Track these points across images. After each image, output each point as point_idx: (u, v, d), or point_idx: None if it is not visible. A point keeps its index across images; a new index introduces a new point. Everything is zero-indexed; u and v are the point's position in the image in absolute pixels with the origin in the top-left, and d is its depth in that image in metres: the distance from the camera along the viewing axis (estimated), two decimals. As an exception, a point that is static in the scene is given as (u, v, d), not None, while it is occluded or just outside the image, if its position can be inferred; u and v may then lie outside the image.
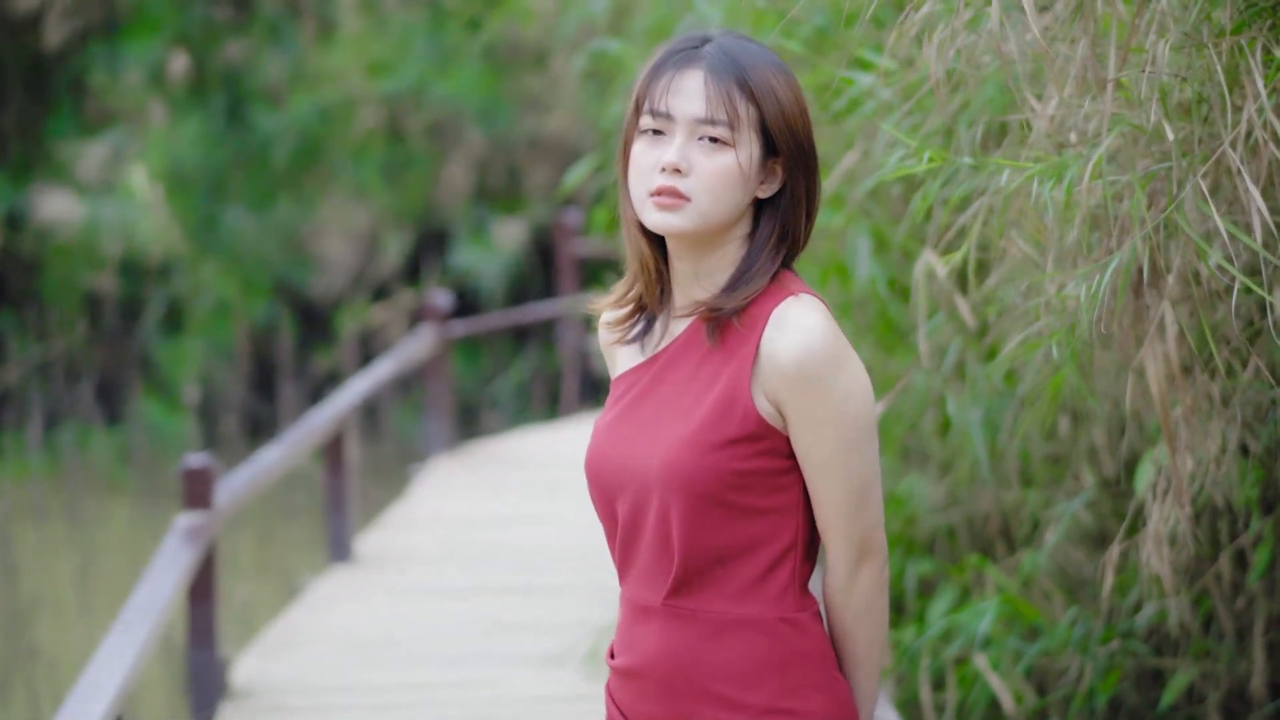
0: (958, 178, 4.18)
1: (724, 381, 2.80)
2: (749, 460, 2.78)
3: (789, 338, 2.77)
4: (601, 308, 2.96)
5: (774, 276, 2.84)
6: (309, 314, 18.05)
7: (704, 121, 2.81)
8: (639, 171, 2.83)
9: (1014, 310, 4.56)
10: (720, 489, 2.77)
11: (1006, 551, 5.87)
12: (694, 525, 2.78)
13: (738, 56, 2.82)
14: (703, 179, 2.80)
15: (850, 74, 4.92)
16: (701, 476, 2.77)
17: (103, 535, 13.37)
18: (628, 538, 2.85)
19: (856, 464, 2.78)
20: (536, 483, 10.13)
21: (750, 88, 2.80)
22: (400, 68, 17.43)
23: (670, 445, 2.80)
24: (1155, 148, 3.70)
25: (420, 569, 8.19)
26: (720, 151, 2.80)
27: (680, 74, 2.82)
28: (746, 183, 2.82)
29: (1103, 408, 4.99)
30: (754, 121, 2.80)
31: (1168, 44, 3.55)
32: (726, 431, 2.78)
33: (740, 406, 2.78)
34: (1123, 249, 3.53)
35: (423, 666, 6.72)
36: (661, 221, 2.81)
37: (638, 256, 2.88)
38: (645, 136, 2.84)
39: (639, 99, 2.85)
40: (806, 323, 2.77)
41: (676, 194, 2.80)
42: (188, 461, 6.40)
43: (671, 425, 2.81)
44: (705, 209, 2.81)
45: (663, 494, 2.80)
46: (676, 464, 2.78)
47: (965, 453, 5.69)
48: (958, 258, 4.00)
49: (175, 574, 5.79)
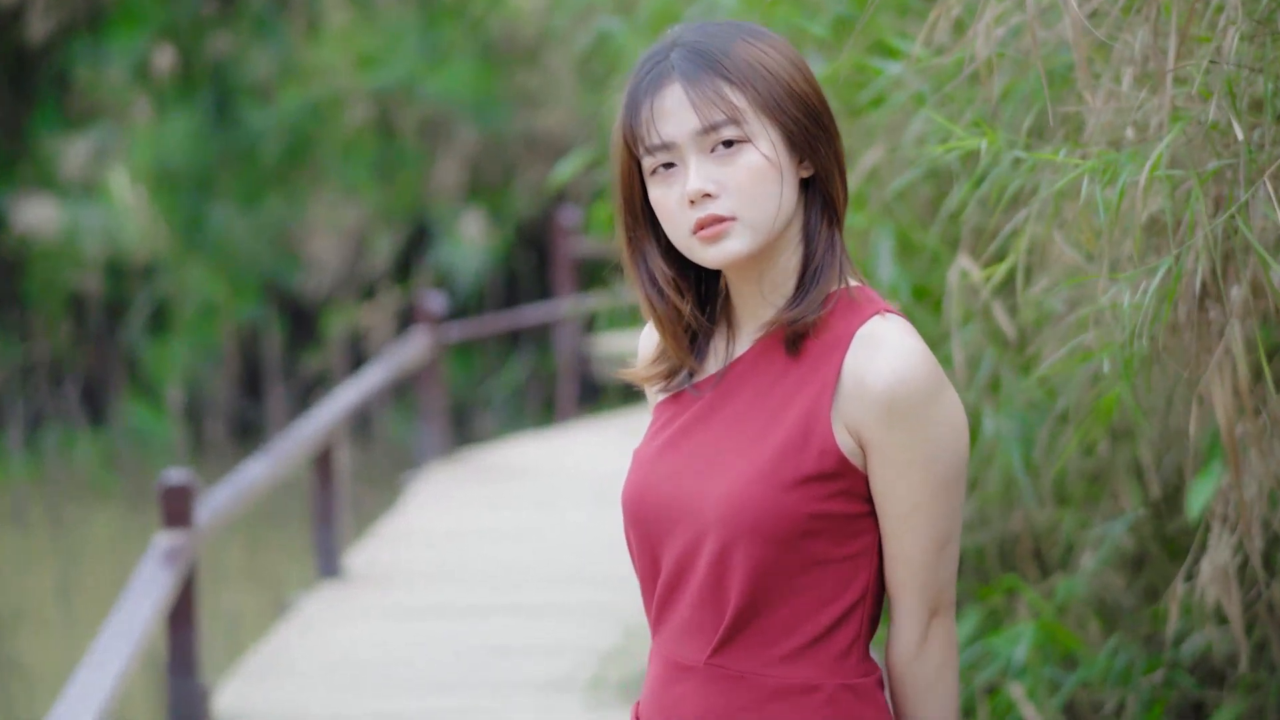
0: (999, 173, 3.86)
1: (799, 408, 2.44)
2: (824, 502, 2.42)
3: (883, 361, 2.42)
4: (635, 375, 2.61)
5: (841, 276, 2.50)
6: (298, 314, 17.77)
7: (705, 130, 2.46)
8: (669, 217, 2.49)
9: (1057, 320, 4.24)
10: (793, 534, 2.41)
11: (1039, 574, 5.56)
12: (757, 574, 2.42)
13: (706, 48, 2.48)
14: (738, 190, 2.46)
15: (877, 63, 4.59)
16: (773, 519, 2.40)
17: (86, 542, 13.16)
18: (671, 585, 2.48)
19: (943, 513, 2.42)
20: (533, 494, 9.79)
21: (732, 73, 2.46)
22: (391, 62, 17.13)
23: (735, 480, 2.43)
24: (1221, 146, 3.37)
25: (413, 586, 7.86)
26: (740, 152, 2.46)
27: (657, 97, 2.48)
28: (783, 171, 2.47)
29: (1149, 424, 4.67)
30: (755, 104, 2.46)
31: (1238, 33, 3.21)
32: (803, 467, 2.42)
33: (819, 438, 2.42)
34: (1179, 255, 3.18)
35: (416, 693, 6.40)
36: (719, 254, 2.46)
37: (660, 315, 2.54)
38: (657, 178, 2.50)
39: (627, 144, 2.51)
40: (904, 346, 2.42)
41: (719, 220, 2.45)
42: (167, 478, 6.06)
43: (736, 457, 2.45)
44: (755, 220, 2.46)
45: (724, 537, 2.43)
46: (744, 503, 2.42)
47: (995, 468, 5.38)
48: (1003, 268, 3.66)
49: (153, 599, 5.48)
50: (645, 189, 2.52)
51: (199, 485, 6.17)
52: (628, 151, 2.50)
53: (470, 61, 17.16)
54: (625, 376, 2.62)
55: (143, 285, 17.37)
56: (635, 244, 2.53)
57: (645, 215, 2.53)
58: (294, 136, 17.32)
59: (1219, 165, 3.20)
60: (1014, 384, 5.02)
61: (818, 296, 2.48)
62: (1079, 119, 3.79)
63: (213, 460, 15.76)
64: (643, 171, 2.51)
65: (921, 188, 5.10)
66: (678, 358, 2.55)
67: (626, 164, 2.51)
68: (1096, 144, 3.53)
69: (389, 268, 17.80)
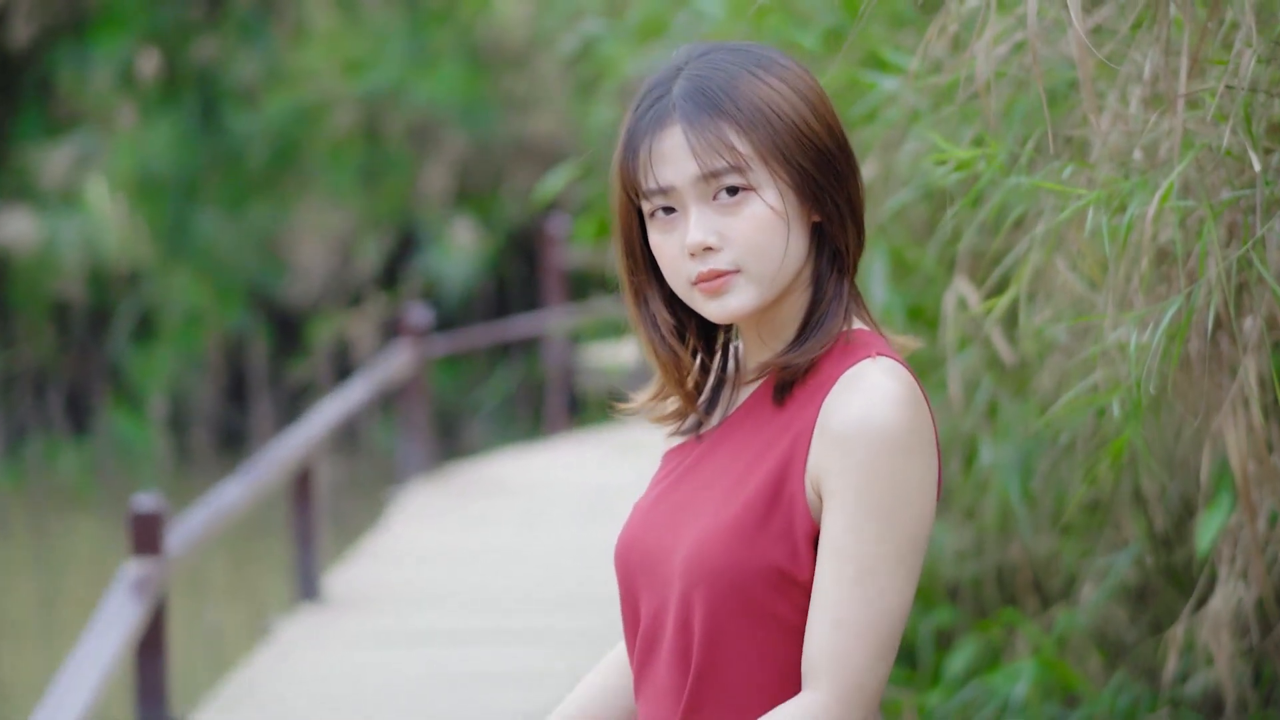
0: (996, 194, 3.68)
1: (775, 458, 2.27)
2: (790, 559, 2.24)
3: (850, 400, 2.24)
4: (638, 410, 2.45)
5: (847, 320, 2.32)
6: (284, 322, 17.57)
7: (706, 176, 2.28)
8: (669, 265, 2.32)
9: (1060, 352, 4.05)
10: (751, 590, 2.24)
11: (1038, 606, 5.38)
12: (716, 634, 2.26)
13: (711, 83, 2.29)
14: (741, 243, 2.28)
15: (871, 77, 4.41)
16: (730, 572, 2.24)
17: (68, 552, 12.99)
18: (647, 643, 2.33)
19: (883, 590, 2.21)
20: (518, 513, 9.57)
21: (737, 115, 2.27)
22: (378, 67, 16.93)
23: (701, 532, 2.27)
24: (1235, 174, 3.17)
25: (393, 610, 7.65)
26: (744, 202, 2.28)
27: (656, 138, 2.29)
28: (791, 221, 2.29)
29: (1154, 454, 4.49)
30: (761, 150, 2.27)
31: (1254, 54, 3.02)
32: (770, 519, 2.25)
33: (790, 490, 2.25)
34: (1191, 290, 2.99)
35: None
36: (720, 310, 2.30)
37: (663, 362, 2.38)
38: (656, 222, 2.32)
39: (625, 186, 2.33)
40: (880, 387, 2.24)
41: (720, 274, 2.28)
42: (136, 504, 5.85)
43: (709, 508, 2.29)
44: (760, 273, 2.29)
45: (684, 590, 2.27)
46: (705, 555, 2.26)
47: (993, 496, 5.20)
48: (1005, 300, 3.47)
49: (119, 632, 5.28)
50: (645, 230, 2.36)
51: (170, 511, 5.97)
52: (625, 192, 2.34)
53: (458, 66, 16.97)
54: (630, 414, 2.47)
55: (126, 294, 17.17)
56: (636, 287, 2.38)
57: (645, 258, 2.38)
58: (280, 142, 17.13)
59: (1233, 197, 3.00)
60: (1012, 411, 4.84)
61: (815, 345, 2.31)
62: (1083, 140, 3.60)
63: (197, 470, 15.61)
64: (642, 213, 2.35)
65: (917, 206, 4.92)
66: (684, 405, 2.41)
67: (625, 205, 2.36)
68: (1102, 168, 3.34)
69: (376, 275, 17.61)
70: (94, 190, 16.63)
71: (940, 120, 4.11)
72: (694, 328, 2.39)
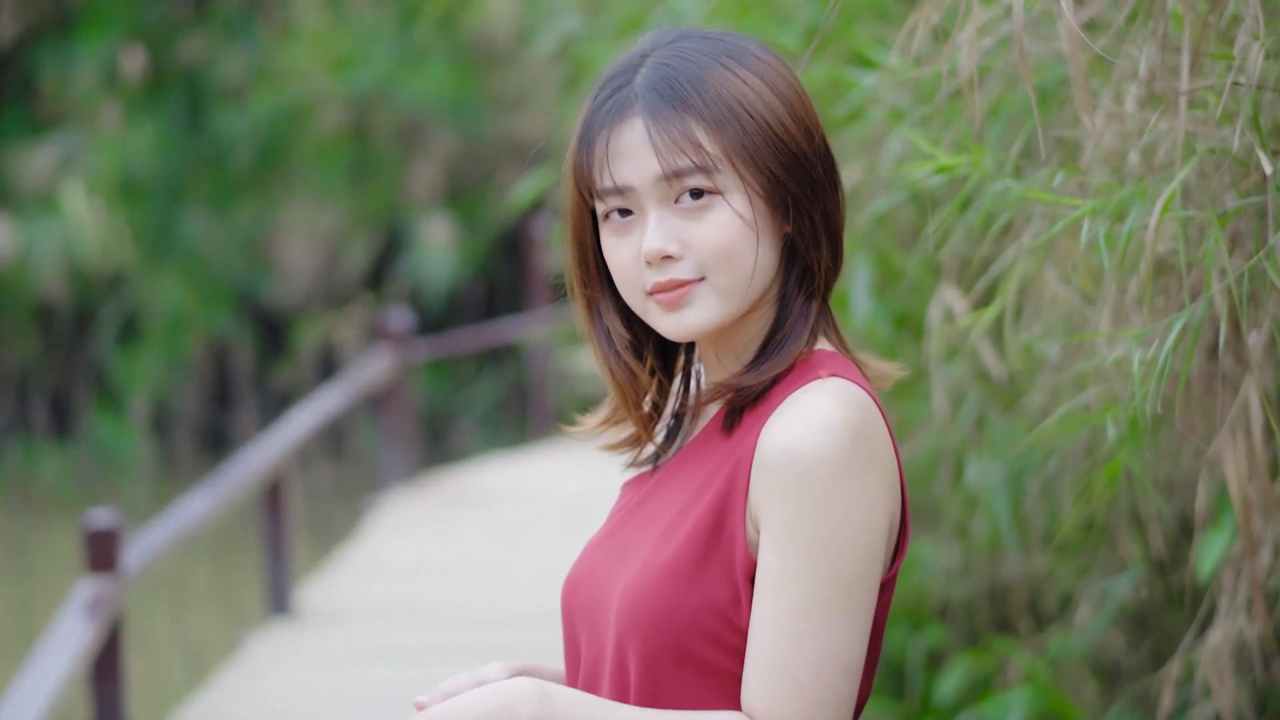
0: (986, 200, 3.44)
1: (718, 488, 2.05)
2: (735, 602, 2.03)
3: (783, 425, 2.01)
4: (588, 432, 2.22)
5: (811, 341, 2.09)
6: (270, 324, 17.34)
7: (668, 176, 2.04)
8: (622, 272, 2.08)
9: (1051, 367, 3.82)
10: (689, 641, 2.02)
11: (1032, 627, 5.16)
12: (652, 685, 2.05)
13: (678, 74, 2.05)
14: (705, 252, 2.04)
15: (853, 75, 4.18)
16: (663, 618, 2.03)
17: (47, 559, 12.82)
18: (587, 689, 2.14)
19: (818, 630, 1.99)
20: (500, 523, 9.31)
21: (705, 110, 2.04)
22: (365, 66, 16.69)
23: (636, 574, 2.06)
24: (1241, 178, 2.94)
25: (368, 626, 7.40)
26: (709, 206, 2.04)
27: (615, 130, 2.05)
28: (760, 231, 2.06)
29: (1150, 474, 4.26)
30: (729, 150, 2.04)
31: (1262, 48, 2.79)
32: (712, 558, 2.03)
33: (731, 523, 2.03)
34: (1195, 305, 2.75)
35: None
36: (677, 325, 2.06)
37: (619, 382, 2.15)
38: (610, 225, 2.08)
39: (578, 184, 2.09)
40: (817, 409, 2.00)
41: (680, 284, 2.05)
42: (91, 520, 5.64)
43: (648, 547, 2.08)
44: (725, 285, 2.05)
45: (618, 640, 2.06)
46: (637, 601, 2.05)
47: (982, 515, 4.98)
48: (991, 313, 3.23)
49: (69, 655, 5.05)
50: (600, 234, 2.13)
51: (126, 527, 5.74)
52: (578, 190, 2.10)
53: (446, 65, 16.73)
54: (580, 436, 2.24)
55: (111, 296, 16.94)
56: (589, 298, 2.16)
57: (599, 266, 2.14)
58: (266, 142, 16.91)
59: (1241, 205, 2.77)
60: (1002, 426, 4.62)
61: (771, 367, 2.08)
62: (1074, 142, 3.37)
63: (180, 475, 15.39)
64: (595, 215, 2.11)
65: (903, 209, 4.70)
66: (638, 430, 2.18)
67: (578, 205, 2.12)
68: (1096, 172, 3.11)
69: (363, 276, 17.37)
70: (70, 194, 16.37)
71: (923, 119, 3.88)
72: (651, 345, 2.16)
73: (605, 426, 2.21)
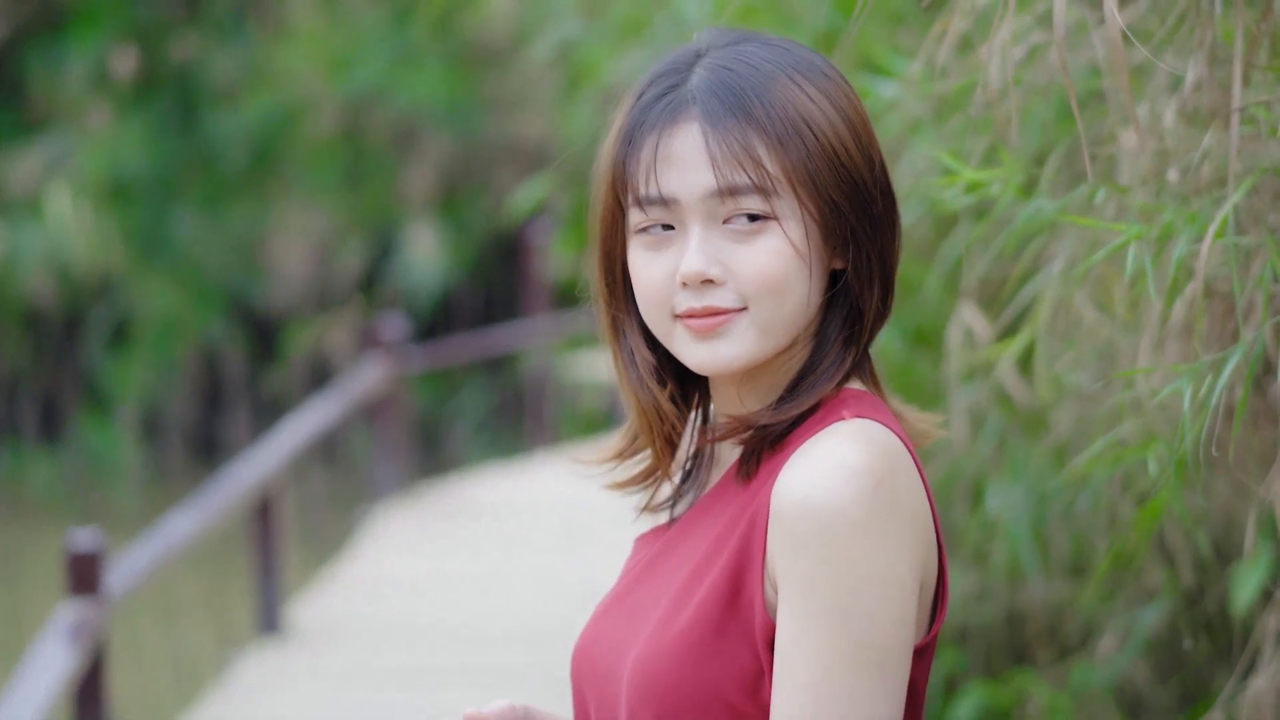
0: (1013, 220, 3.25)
1: (734, 546, 1.85)
2: (757, 672, 1.83)
3: (798, 474, 1.80)
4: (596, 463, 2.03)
5: (840, 384, 1.89)
6: (261, 329, 17.15)
7: (721, 193, 1.83)
8: (649, 290, 1.87)
9: (1082, 396, 3.62)
10: (707, 715, 1.83)
11: (1053, 656, 4.96)
12: None
13: (742, 80, 1.83)
14: (751, 281, 1.84)
15: (869, 82, 3.98)
16: (677, 697, 1.83)
17: (35, 565, 12.64)
18: None
19: (838, 698, 1.78)
20: (496, 537, 9.11)
21: (770, 125, 1.82)
22: (360, 67, 16.50)
23: (648, 645, 1.87)
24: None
25: (361, 646, 7.20)
26: (762, 232, 1.84)
27: (667, 134, 1.84)
28: (811, 265, 1.86)
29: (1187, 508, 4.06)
30: (791, 172, 1.83)
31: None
32: (730, 624, 1.83)
33: (750, 585, 1.84)
34: (1247, 339, 2.56)
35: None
36: (710, 357, 1.86)
37: (644, 409, 1.94)
38: (645, 237, 1.87)
39: (616, 188, 1.87)
40: (834, 456, 1.79)
41: (718, 311, 1.84)
42: (73, 542, 5.46)
43: (661, 614, 1.88)
44: (767, 319, 1.85)
45: (631, 711, 1.87)
46: (649, 675, 1.85)
47: (1002, 540, 4.78)
48: (1018, 344, 3.04)
49: (49, 683, 4.87)
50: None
51: (109, 548, 5.55)
52: (614, 195, 1.89)
53: (442, 66, 16.55)
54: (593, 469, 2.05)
55: (100, 300, 16.75)
56: (614, 316, 1.95)
57: (626, 280, 1.93)
58: (259, 144, 16.74)
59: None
60: (1023, 450, 4.42)
61: (793, 406, 1.88)
62: (1109, 158, 3.18)
63: (171, 481, 15.23)
64: (628, 222, 1.90)
65: (922, 221, 4.51)
66: (656, 462, 1.98)
67: (611, 209, 1.90)
68: (1136, 192, 2.91)
69: (357, 281, 17.19)
70: (55, 197, 16.17)
71: (945, 132, 3.69)
72: (671, 372, 1.96)
73: (621, 459, 2.01)
